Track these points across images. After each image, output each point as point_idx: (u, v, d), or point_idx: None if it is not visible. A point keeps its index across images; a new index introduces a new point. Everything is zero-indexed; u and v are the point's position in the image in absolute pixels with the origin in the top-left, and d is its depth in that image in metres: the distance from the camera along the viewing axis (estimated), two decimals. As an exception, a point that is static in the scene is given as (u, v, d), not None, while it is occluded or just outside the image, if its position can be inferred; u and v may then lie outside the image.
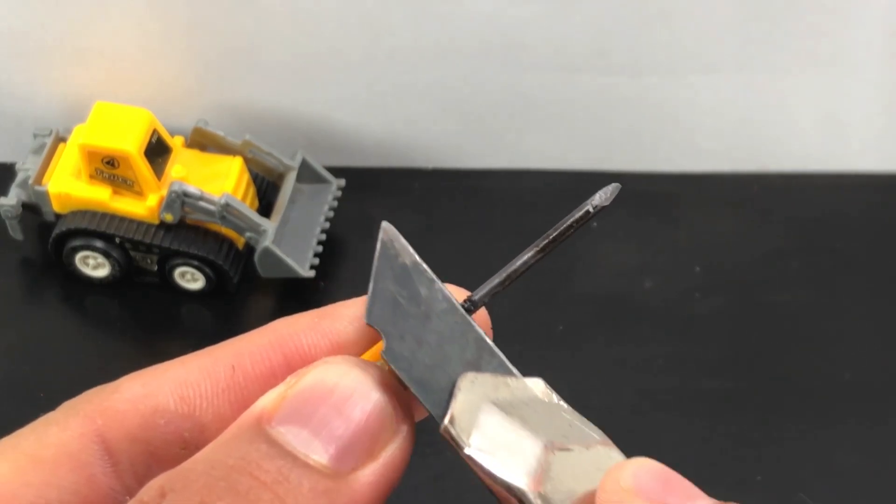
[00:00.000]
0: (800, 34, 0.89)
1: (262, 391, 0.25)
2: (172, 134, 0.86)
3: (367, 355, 0.27)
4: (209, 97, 0.92)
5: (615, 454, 0.26)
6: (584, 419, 0.27)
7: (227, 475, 0.22)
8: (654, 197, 0.95)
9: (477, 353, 0.26)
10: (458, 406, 0.24)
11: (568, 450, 0.25)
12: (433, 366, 0.25)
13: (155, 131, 0.83)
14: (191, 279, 0.87)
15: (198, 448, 0.25)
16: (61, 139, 0.88)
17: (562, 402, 0.27)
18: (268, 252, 0.84)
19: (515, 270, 0.28)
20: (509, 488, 0.24)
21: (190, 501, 0.22)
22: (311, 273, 0.86)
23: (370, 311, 0.26)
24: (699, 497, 0.25)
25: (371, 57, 0.90)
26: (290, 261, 0.84)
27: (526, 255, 0.28)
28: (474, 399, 0.25)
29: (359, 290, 0.29)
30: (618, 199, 0.27)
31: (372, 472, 0.24)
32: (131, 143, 0.81)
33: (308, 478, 0.23)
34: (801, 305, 0.89)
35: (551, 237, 0.27)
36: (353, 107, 0.93)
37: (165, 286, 0.87)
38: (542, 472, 0.24)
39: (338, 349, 0.27)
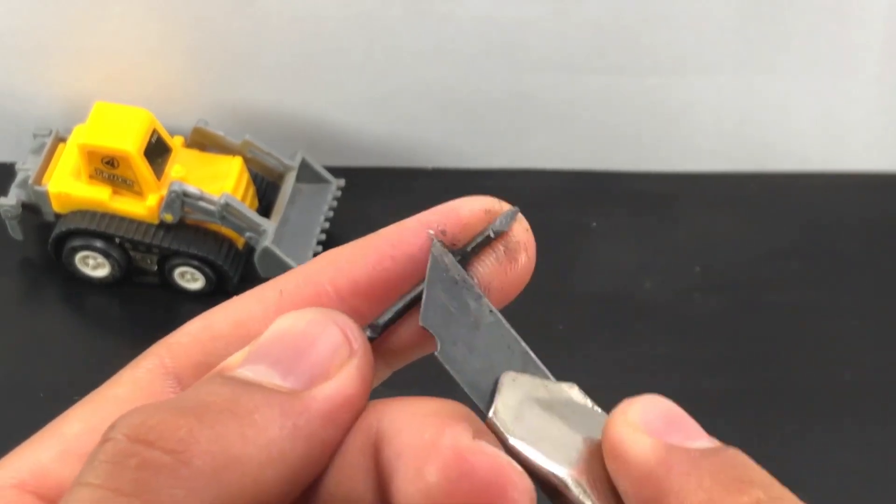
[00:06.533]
0: (800, 34, 0.89)
1: None
2: (172, 134, 0.86)
3: None
4: (209, 97, 0.92)
5: None
6: None
7: (177, 403, 0.24)
8: (654, 197, 0.95)
9: (522, 364, 0.28)
10: (501, 400, 0.26)
11: None
12: (482, 370, 0.27)
13: (155, 131, 0.83)
14: (190, 279, 0.87)
15: None
16: (61, 139, 0.88)
17: (596, 408, 0.28)
18: (268, 252, 0.84)
19: (418, 296, 0.28)
20: (551, 476, 0.25)
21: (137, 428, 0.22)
22: (311, 273, 0.86)
23: (425, 316, 0.27)
24: (701, 437, 0.25)
25: (371, 57, 0.90)
26: (290, 261, 0.84)
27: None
28: (516, 395, 0.27)
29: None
30: (618, 199, 0.27)
31: (328, 388, 0.25)
32: (131, 143, 0.81)
33: (261, 392, 0.24)
34: (801, 305, 0.89)
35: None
36: (353, 107, 0.93)
37: (165, 286, 0.87)
38: (583, 463, 0.25)
39: (382, 274, 0.28)
